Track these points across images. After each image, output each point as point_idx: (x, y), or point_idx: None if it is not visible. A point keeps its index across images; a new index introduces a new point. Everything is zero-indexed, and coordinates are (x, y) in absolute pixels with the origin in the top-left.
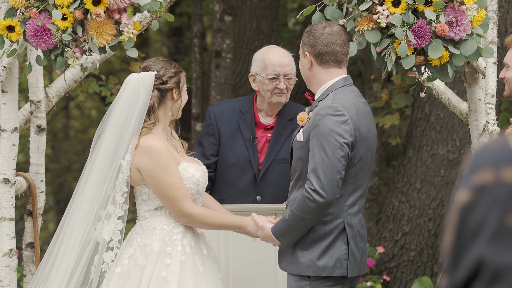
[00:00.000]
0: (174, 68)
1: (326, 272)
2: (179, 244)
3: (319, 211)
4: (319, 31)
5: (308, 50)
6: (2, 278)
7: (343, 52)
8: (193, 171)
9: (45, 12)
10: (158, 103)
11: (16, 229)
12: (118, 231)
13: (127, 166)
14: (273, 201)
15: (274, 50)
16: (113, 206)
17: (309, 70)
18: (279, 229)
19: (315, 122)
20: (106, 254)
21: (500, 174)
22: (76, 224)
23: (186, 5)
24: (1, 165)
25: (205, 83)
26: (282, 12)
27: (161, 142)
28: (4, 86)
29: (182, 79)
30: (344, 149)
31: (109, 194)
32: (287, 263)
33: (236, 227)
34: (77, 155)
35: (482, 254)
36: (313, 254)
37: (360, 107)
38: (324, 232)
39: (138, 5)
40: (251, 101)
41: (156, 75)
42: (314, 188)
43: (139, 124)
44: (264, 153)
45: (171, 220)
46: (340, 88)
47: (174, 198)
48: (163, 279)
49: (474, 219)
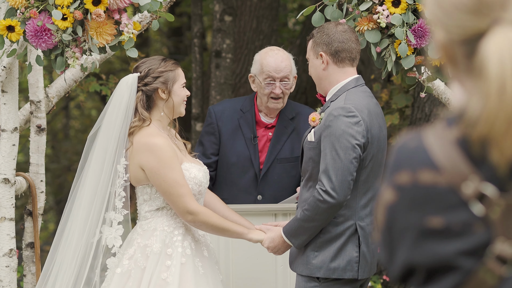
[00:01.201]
0: (162, 67)
1: (336, 274)
2: (179, 246)
3: (330, 212)
4: (332, 29)
5: (323, 49)
6: (2, 278)
7: (357, 50)
8: (195, 171)
9: (45, 12)
10: (144, 104)
11: (16, 229)
12: (119, 236)
13: (123, 170)
14: (274, 200)
15: (272, 53)
16: (113, 212)
17: (324, 71)
18: (290, 229)
19: (327, 123)
20: (109, 260)
21: (416, 176)
22: (76, 229)
23: (186, 5)
24: (1, 165)
25: (205, 83)
26: (282, 12)
27: (163, 139)
28: (4, 86)
29: (172, 77)
30: (356, 150)
31: (107, 200)
32: (298, 264)
33: (237, 235)
34: (77, 155)
35: (410, 258)
36: (324, 256)
37: (372, 108)
38: (335, 234)
39: (138, 5)
40: (251, 100)
41: (139, 76)
42: (325, 189)
43: (125, 127)
44: (265, 152)
45: (172, 222)
46: (352, 89)
47: (179, 194)
48: (163, 281)
49: (399, 220)
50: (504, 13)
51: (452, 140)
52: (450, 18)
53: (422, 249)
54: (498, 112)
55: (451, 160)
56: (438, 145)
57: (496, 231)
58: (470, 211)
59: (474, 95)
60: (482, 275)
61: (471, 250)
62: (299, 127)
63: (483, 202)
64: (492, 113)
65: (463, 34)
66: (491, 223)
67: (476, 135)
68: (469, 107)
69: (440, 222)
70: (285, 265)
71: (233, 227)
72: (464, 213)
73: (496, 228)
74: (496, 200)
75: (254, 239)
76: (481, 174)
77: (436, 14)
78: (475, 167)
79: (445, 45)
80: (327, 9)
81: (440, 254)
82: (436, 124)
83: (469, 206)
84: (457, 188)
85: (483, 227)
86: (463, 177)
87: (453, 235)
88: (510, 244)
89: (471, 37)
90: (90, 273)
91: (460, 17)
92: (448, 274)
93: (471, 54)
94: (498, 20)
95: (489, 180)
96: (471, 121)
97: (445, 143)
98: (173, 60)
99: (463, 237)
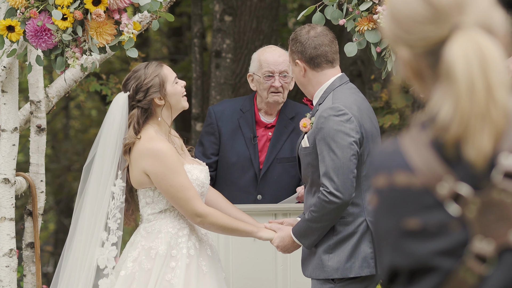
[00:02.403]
0: (148, 76)
1: (354, 272)
2: (184, 247)
3: (337, 212)
4: (304, 36)
5: (298, 57)
6: (2, 278)
7: (332, 51)
8: (197, 172)
9: (45, 12)
10: (140, 118)
11: (16, 229)
12: (112, 258)
13: (120, 192)
14: (274, 200)
15: (269, 49)
16: (106, 233)
17: (304, 77)
18: (299, 230)
19: (319, 126)
20: (101, 281)
21: (392, 178)
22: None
23: (186, 5)
24: (1, 165)
25: (205, 83)
26: (282, 12)
27: (166, 144)
28: (4, 86)
29: (160, 81)
30: (353, 147)
31: (102, 222)
32: (312, 269)
33: (247, 234)
34: (77, 155)
35: (392, 260)
36: (340, 257)
37: (361, 103)
38: (347, 233)
39: (138, 5)
40: (251, 100)
41: (129, 95)
42: (330, 191)
43: (119, 147)
44: (265, 152)
45: (176, 223)
46: (337, 88)
47: (186, 198)
48: (168, 282)
49: (381, 223)
50: (462, 17)
51: (426, 143)
52: (411, 33)
53: (401, 251)
54: (471, 111)
55: (425, 161)
56: (413, 148)
57: (473, 230)
58: (445, 211)
59: (444, 99)
60: (462, 275)
61: (449, 250)
62: (299, 127)
63: (459, 202)
64: (465, 112)
65: (425, 45)
66: (468, 222)
67: (450, 137)
68: (441, 111)
69: (416, 223)
70: (285, 265)
71: (243, 226)
72: (440, 213)
73: (473, 227)
74: (471, 199)
75: (264, 237)
76: (456, 174)
77: (395, 33)
78: (449, 167)
79: (410, 61)
80: (327, 9)
81: (418, 254)
82: (411, 128)
83: (445, 206)
84: (432, 189)
85: (459, 226)
86: (437, 178)
87: (430, 236)
88: (488, 242)
89: (434, 47)
90: None
91: (420, 29)
92: (428, 275)
93: (436, 63)
94: (458, 24)
95: (464, 179)
96: (444, 124)
97: (420, 145)
98: (155, 62)
99: (440, 237)
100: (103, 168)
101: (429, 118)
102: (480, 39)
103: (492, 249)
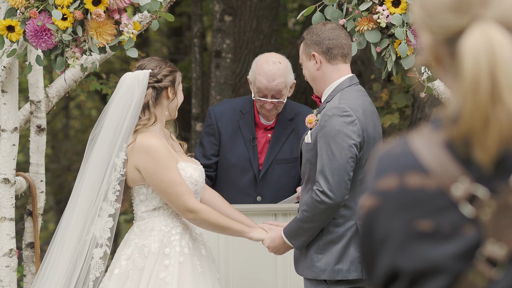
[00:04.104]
0: (169, 67)
1: (341, 275)
2: (177, 245)
3: (328, 212)
4: (321, 29)
5: (315, 49)
6: (2, 278)
7: (348, 45)
8: (191, 170)
9: (45, 12)
10: (154, 101)
11: (16, 229)
12: (108, 228)
13: (121, 165)
14: (274, 201)
15: (267, 68)
16: (105, 203)
17: (318, 71)
18: (290, 230)
19: (322, 123)
20: (95, 250)
21: (404, 179)
22: (71, 222)
23: (186, 5)
24: (1, 165)
25: (205, 83)
26: (282, 12)
27: (159, 140)
28: (4, 86)
29: (177, 78)
30: (352, 150)
31: (105, 193)
32: (303, 268)
33: (238, 233)
34: (77, 155)
35: (394, 262)
36: (328, 258)
37: (367, 107)
38: (337, 235)
39: (138, 5)
40: (251, 101)
41: (151, 73)
42: (322, 190)
43: (133, 122)
44: (264, 154)
45: (170, 221)
46: (346, 88)
47: (177, 194)
48: (162, 280)
49: (381, 225)
50: (484, 10)
51: (440, 143)
52: (433, 19)
53: (409, 253)
54: (474, 111)
55: (440, 162)
56: (426, 148)
57: (486, 233)
58: (459, 213)
59: (455, 95)
60: (472, 278)
61: (460, 252)
62: (298, 128)
63: (474, 204)
64: (469, 112)
65: (445, 33)
66: (481, 224)
67: (456, 135)
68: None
69: (429, 225)
70: (285, 265)
71: (234, 225)
72: (453, 215)
73: (486, 230)
74: (487, 201)
75: (255, 238)
76: (471, 175)
77: (420, 16)
78: (464, 168)
79: (431, 46)
80: (327, 9)
81: (429, 257)
82: (422, 129)
83: (459, 207)
84: (446, 190)
85: (473, 228)
86: (452, 179)
87: (443, 238)
88: (500, 245)
89: (452, 36)
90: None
91: (441, 17)
92: (434, 277)
93: (454, 53)
94: (478, 16)
95: (479, 181)
96: (451, 121)
97: (433, 145)
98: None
99: (452, 239)
100: (109, 138)
101: (443, 117)
102: (495, 36)
103: (504, 253)
